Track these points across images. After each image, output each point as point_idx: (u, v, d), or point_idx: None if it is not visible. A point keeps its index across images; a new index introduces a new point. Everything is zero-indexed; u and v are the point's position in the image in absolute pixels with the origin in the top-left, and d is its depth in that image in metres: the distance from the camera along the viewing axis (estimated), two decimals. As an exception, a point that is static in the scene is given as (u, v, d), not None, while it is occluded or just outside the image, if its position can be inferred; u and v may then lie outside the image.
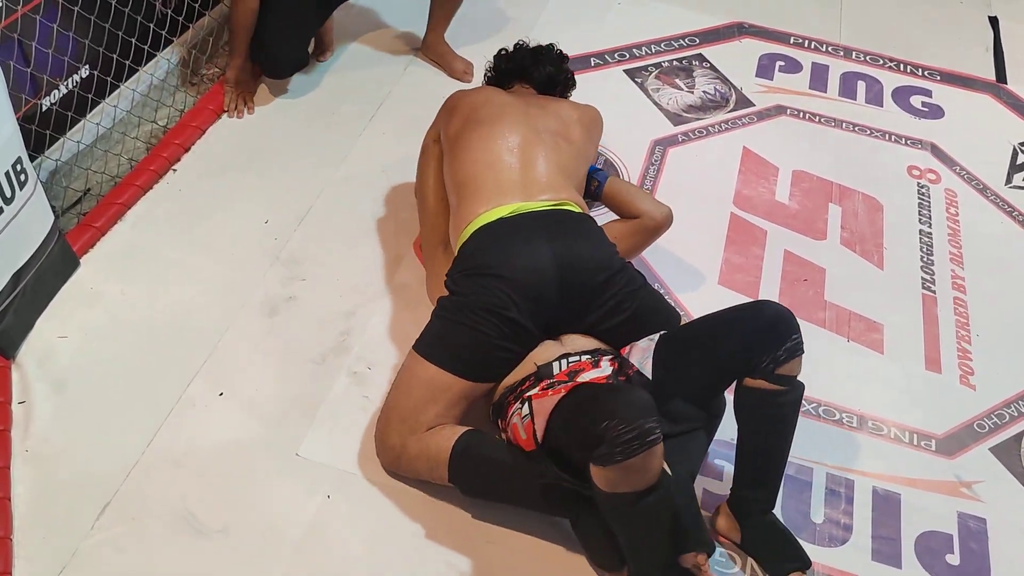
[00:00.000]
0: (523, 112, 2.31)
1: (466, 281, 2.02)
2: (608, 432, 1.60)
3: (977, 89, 3.40)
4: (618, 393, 1.75)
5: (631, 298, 2.03)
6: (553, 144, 2.26)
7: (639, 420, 1.60)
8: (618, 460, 1.60)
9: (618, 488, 1.65)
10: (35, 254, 2.16)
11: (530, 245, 2.01)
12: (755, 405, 1.86)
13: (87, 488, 1.92)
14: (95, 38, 2.47)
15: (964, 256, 2.70)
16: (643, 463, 1.62)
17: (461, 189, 2.19)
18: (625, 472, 1.62)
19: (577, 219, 2.11)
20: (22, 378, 2.10)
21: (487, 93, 2.42)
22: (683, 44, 3.43)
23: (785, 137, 3.07)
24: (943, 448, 2.18)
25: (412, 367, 1.98)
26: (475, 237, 2.07)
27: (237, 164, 2.71)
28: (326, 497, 1.94)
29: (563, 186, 2.17)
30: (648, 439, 1.60)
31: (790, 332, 1.85)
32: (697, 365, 1.90)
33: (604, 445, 1.61)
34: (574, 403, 1.78)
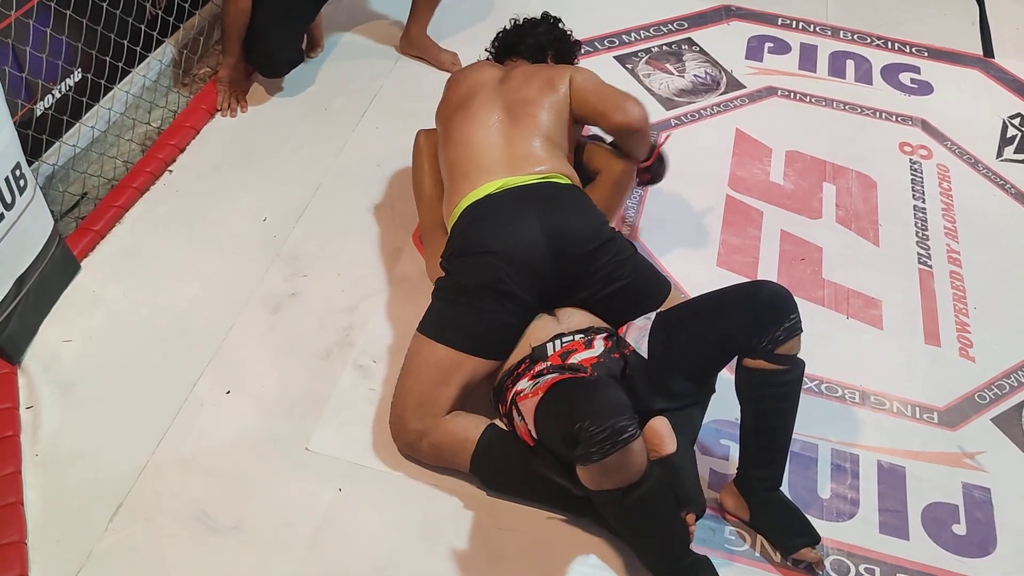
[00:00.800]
0: (497, 89, 2.29)
1: (459, 260, 2.05)
2: (582, 433, 1.62)
3: (965, 64, 3.42)
4: (590, 392, 1.75)
5: (622, 267, 2.05)
6: (531, 115, 2.22)
7: (611, 420, 1.61)
8: (596, 460, 1.62)
9: (603, 486, 1.68)
10: (36, 259, 2.16)
11: (519, 219, 2.02)
12: (756, 385, 1.88)
13: (99, 490, 1.93)
14: (87, 41, 2.47)
15: (959, 230, 2.72)
16: (620, 461, 1.63)
17: (450, 172, 2.22)
18: (605, 470, 1.64)
19: (564, 190, 2.12)
20: (28, 383, 2.11)
21: (474, 72, 2.41)
22: (672, 29, 3.43)
23: (777, 118, 3.08)
24: (945, 420, 2.21)
25: (420, 350, 2.00)
26: (464, 216, 2.09)
27: (233, 162, 2.71)
28: (338, 490, 1.95)
29: (548, 157, 2.17)
30: (621, 438, 1.61)
31: (788, 312, 1.86)
32: (695, 344, 1.92)
33: (581, 446, 1.63)
34: (552, 404, 1.79)
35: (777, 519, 1.91)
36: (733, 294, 1.97)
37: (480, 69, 2.42)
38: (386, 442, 2.04)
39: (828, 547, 1.93)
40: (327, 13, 3.13)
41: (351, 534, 1.89)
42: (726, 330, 1.89)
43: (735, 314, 1.89)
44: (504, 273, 1.97)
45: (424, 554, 1.87)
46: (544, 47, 2.51)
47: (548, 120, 2.25)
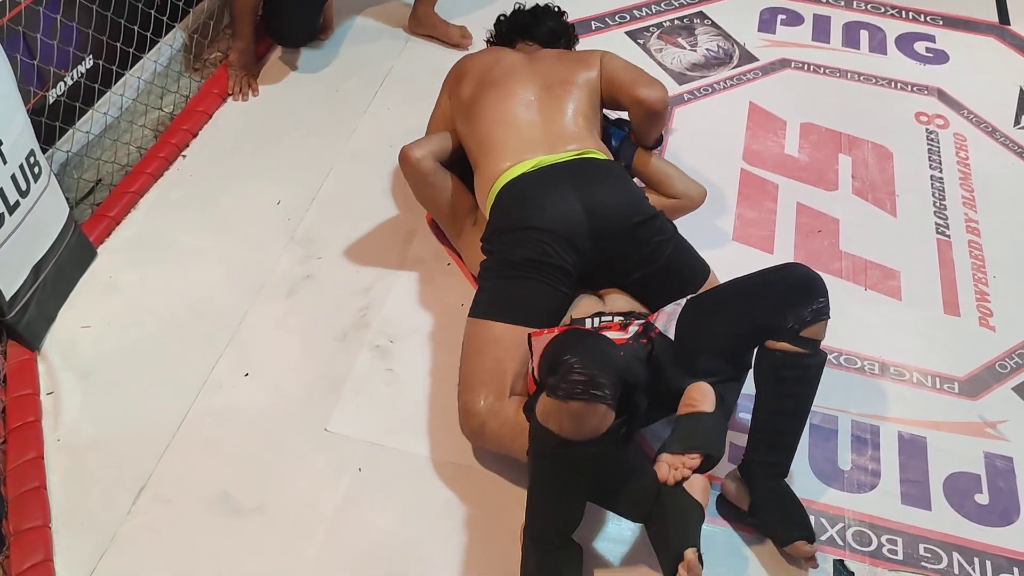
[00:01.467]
0: (532, 67, 2.32)
1: (501, 239, 2.05)
2: (563, 365, 1.61)
3: (981, 32, 3.37)
4: (595, 341, 1.74)
5: (665, 246, 2.05)
6: (567, 93, 2.24)
7: (595, 369, 1.60)
8: (558, 395, 1.60)
9: (548, 422, 1.65)
10: (53, 246, 2.17)
11: (557, 194, 2.03)
12: (777, 367, 1.83)
13: (121, 473, 1.94)
14: (97, 27, 2.47)
15: (976, 199, 2.70)
16: (578, 412, 1.60)
17: (482, 149, 2.19)
18: (559, 411, 1.62)
19: (602, 166, 2.12)
20: (48, 369, 2.12)
21: (495, 53, 2.43)
22: (683, 3, 3.40)
23: (791, 90, 3.05)
24: (966, 390, 2.19)
25: (477, 333, 1.98)
26: (502, 195, 2.09)
27: (245, 147, 2.71)
28: (357, 470, 1.96)
29: (584, 135, 2.18)
30: (592, 391, 1.59)
31: (817, 295, 1.82)
32: (724, 325, 1.89)
33: (556, 376, 1.62)
34: (559, 340, 1.78)
35: (778, 508, 1.84)
36: (762, 276, 1.92)
37: (500, 52, 2.43)
38: (404, 422, 2.05)
39: (850, 518, 1.92)
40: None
41: (372, 514, 1.89)
42: (753, 310, 1.85)
43: (766, 294, 1.86)
44: (549, 247, 1.97)
45: (446, 533, 1.87)
46: (559, 36, 2.56)
47: (583, 98, 2.27)
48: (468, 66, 2.40)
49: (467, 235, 2.29)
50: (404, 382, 2.12)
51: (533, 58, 2.39)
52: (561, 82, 2.27)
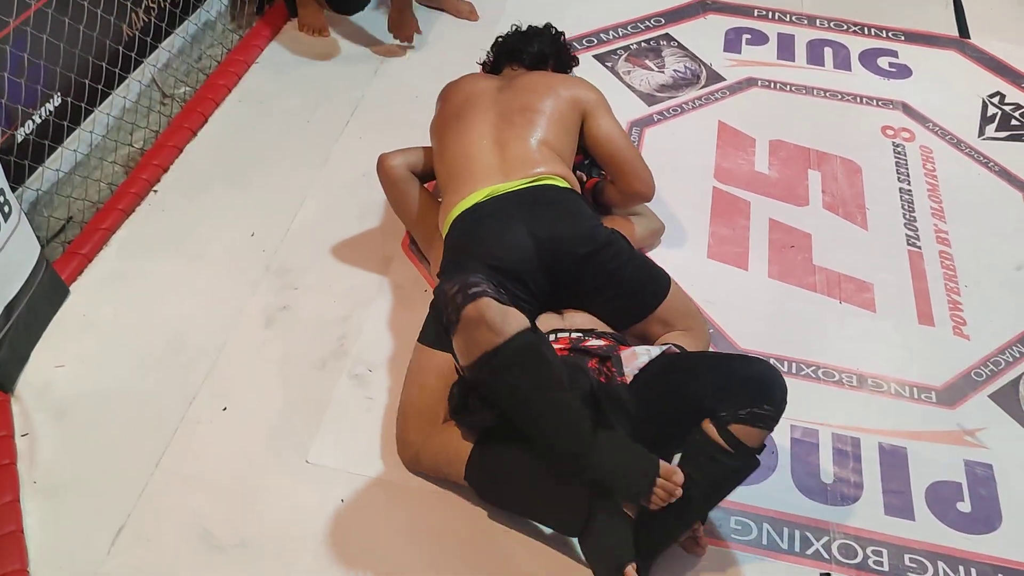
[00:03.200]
0: (493, 97, 2.32)
1: (460, 248, 2.06)
2: (440, 299, 1.64)
3: (942, 46, 3.44)
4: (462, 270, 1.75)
5: (622, 270, 2.05)
6: (528, 121, 2.24)
7: (459, 277, 1.63)
8: (455, 320, 1.62)
9: (474, 352, 1.64)
10: (24, 285, 2.14)
11: (506, 226, 2.03)
12: (691, 443, 1.73)
13: (99, 514, 1.91)
14: (65, 64, 2.45)
15: (945, 210, 2.74)
16: (476, 314, 1.61)
17: (444, 184, 2.23)
18: (466, 330, 1.62)
19: (555, 193, 2.12)
20: (23, 410, 2.08)
21: (472, 81, 2.44)
22: (649, 25, 3.45)
23: (758, 108, 3.09)
24: (943, 399, 2.21)
25: (420, 360, 2.00)
26: (455, 226, 2.11)
27: (218, 179, 2.70)
28: (340, 501, 1.94)
29: (542, 159, 2.17)
30: (471, 291, 1.62)
31: (765, 399, 1.70)
32: (673, 395, 1.79)
33: (443, 315, 1.63)
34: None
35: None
36: (729, 359, 1.89)
37: (475, 80, 2.44)
38: (386, 451, 2.03)
39: (835, 532, 1.93)
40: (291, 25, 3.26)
41: (356, 545, 1.87)
42: (702, 390, 1.74)
43: (718, 376, 1.76)
44: (498, 281, 1.94)
45: (431, 562, 1.85)
46: (547, 57, 2.55)
47: (547, 125, 2.25)
48: (446, 94, 2.44)
49: (436, 250, 2.27)
50: (384, 410, 2.11)
51: (507, 85, 2.38)
52: (523, 109, 2.27)
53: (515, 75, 2.48)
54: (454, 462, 1.87)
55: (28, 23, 2.29)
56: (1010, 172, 2.89)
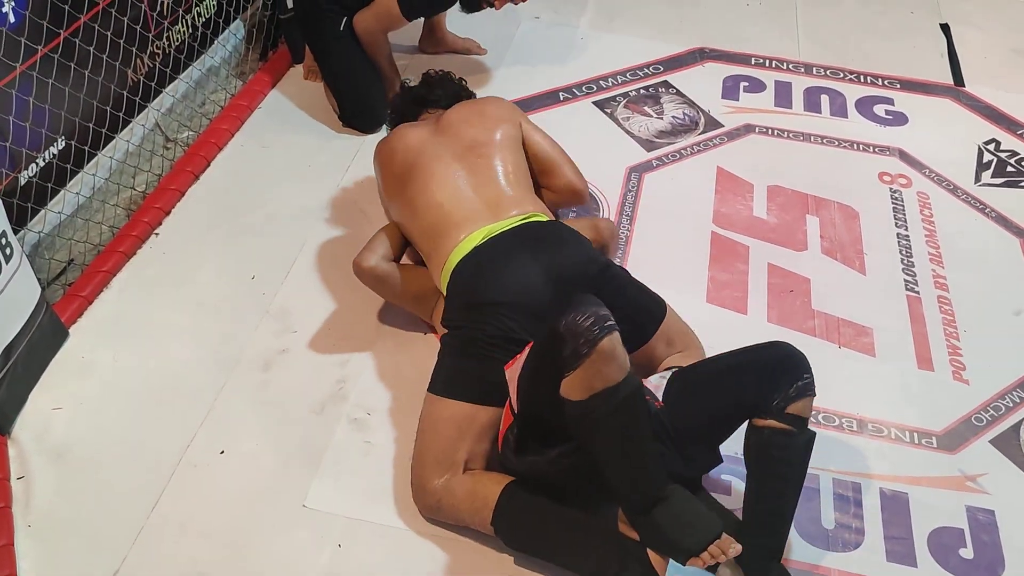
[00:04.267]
0: (434, 142, 2.32)
1: (464, 314, 2.03)
2: (567, 329, 1.60)
3: (937, 94, 3.48)
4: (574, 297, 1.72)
5: (625, 289, 2.08)
6: (488, 156, 2.26)
7: (592, 308, 1.61)
8: (585, 352, 1.59)
9: (595, 385, 1.62)
10: (24, 327, 2.15)
11: (516, 264, 2.03)
12: (764, 445, 1.82)
13: (94, 558, 1.89)
14: (70, 109, 2.48)
15: (943, 255, 2.75)
16: (607, 351, 1.60)
17: (426, 237, 2.21)
18: (595, 363, 1.60)
19: (550, 228, 2.16)
20: (19, 453, 2.08)
21: (400, 137, 2.40)
22: (648, 72, 3.49)
23: (756, 154, 3.12)
24: (944, 444, 2.20)
25: (432, 410, 1.98)
26: (458, 271, 2.09)
27: (219, 223, 2.72)
28: (337, 546, 1.92)
29: (519, 197, 2.20)
30: (606, 324, 1.60)
31: (801, 371, 1.82)
32: (709, 404, 1.87)
33: (567, 344, 1.60)
34: (536, 347, 1.78)
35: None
36: (746, 354, 1.92)
37: (402, 134, 2.41)
38: (384, 496, 2.02)
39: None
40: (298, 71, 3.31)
41: (353, 590, 1.86)
42: (739, 388, 1.84)
43: (749, 372, 1.85)
44: (515, 323, 1.95)
45: (428, 607, 1.84)
46: (459, 95, 2.59)
47: (507, 157, 2.29)
48: (383, 157, 2.41)
49: (439, 313, 2.25)
50: (383, 454, 2.10)
51: (439, 127, 2.37)
52: (477, 145, 2.28)
53: (435, 116, 2.49)
54: (481, 510, 1.85)
55: (34, 68, 2.32)
56: (1007, 218, 2.90)
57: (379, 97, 3.08)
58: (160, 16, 2.89)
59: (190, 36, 3.08)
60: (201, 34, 3.14)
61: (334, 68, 3.08)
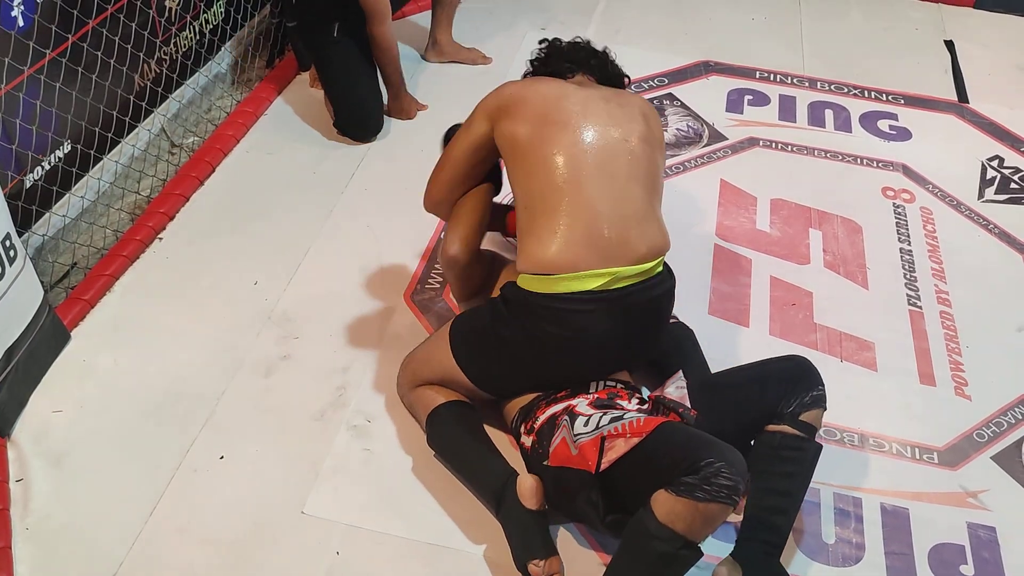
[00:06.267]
0: (610, 108, 1.96)
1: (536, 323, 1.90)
2: (709, 467, 1.56)
3: (941, 110, 3.48)
4: (730, 447, 1.67)
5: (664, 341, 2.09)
6: (650, 157, 1.96)
7: (741, 477, 1.59)
8: (698, 496, 1.56)
9: (675, 524, 1.59)
10: (26, 330, 2.15)
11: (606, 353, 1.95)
12: (775, 447, 1.86)
13: (91, 563, 1.88)
14: (77, 112, 2.49)
15: (946, 271, 2.75)
16: (713, 514, 1.59)
17: (538, 213, 1.90)
18: (694, 512, 1.58)
19: (663, 296, 1.99)
20: (18, 455, 2.07)
21: (554, 85, 2.01)
22: (653, 85, 3.50)
23: (760, 168, 3.12)
24: (945, 460, 2.19)
25: (441, 350, 2.05)
26: (559, 300, 1.87)
27: (223, 228, 2.72)
28: (335, 553, 1.92)
29: (657, 230, 1.95)
30: (734, 496, 1.58)
31: (816, 382, 1.89)
32: (734, 413, 1.90)
33: (696, 476, 1.57)
34: (676, 435, 1.71)
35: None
36: (765, 367, 1.97)
37: (559, 84, 2.03)
38: (383, 503, 2.01)
39: (836, 593, 1.90)
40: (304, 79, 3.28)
41: (351, 598, 1.85)
42: (758, 399, 1.89)
43: (768, 383, 1.90)
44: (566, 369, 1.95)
45: (426, 616, 1.83)
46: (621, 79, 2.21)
47: (657, 167, 2.01)
48: (520, 95, 1.99)
49: None
50: (382, 462, 2.10)
51: (605, 97, 2.00)
52: (645, 138, 1.95)
53: (590, 85, 2.09)
54: (422, 412, 2.09)
55: (42, 71, 2.33)
56: (1010, 235, 2.90)
57: (374, 108, 3.06)
58: (168, 22, 2.90)
59: (197, 42, 3.09)
60: (208, 40, 3.15)
61: (329, 76, 3.06)
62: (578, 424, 1.83)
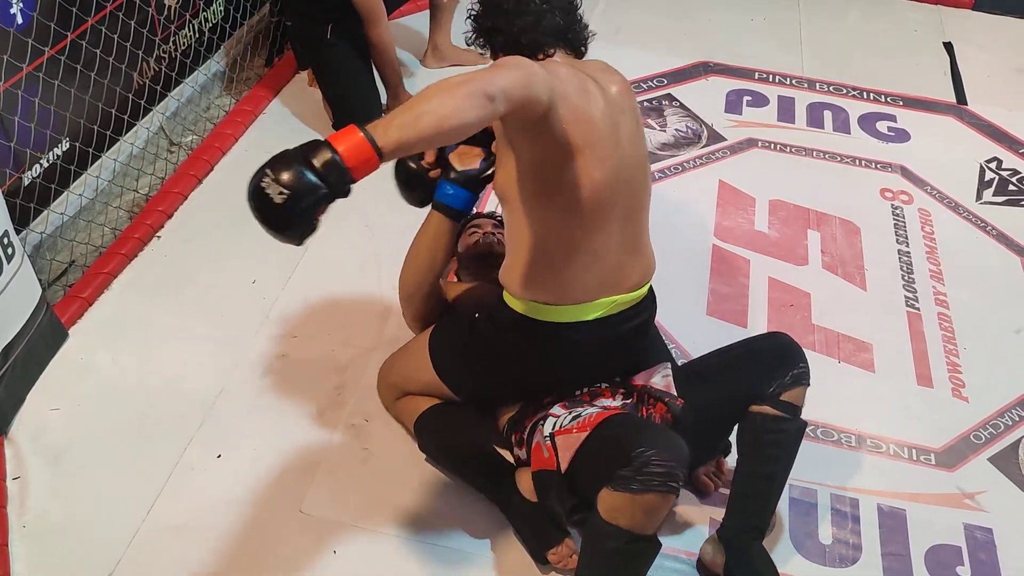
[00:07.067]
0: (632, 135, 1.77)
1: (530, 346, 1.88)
2: (639, 457, 1.56)
3: (939, 112, 3.49)
4: (665, 431, 1.69)
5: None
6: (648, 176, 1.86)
7: (673, 462, 1.57)
8: (634, 488, 1.56)
9: (617, 520, 1.61)
10: (24, 328, 2.15)
11: (599, 366, 1.93)
12: (757, 430, 1.86)
13: (88, 561, 1.88)
14: (75, 110, 2.49)
15: (944, 272, 2.75)
16: (656, 503, 1.58)
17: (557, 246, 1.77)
18: (632, 505, 1.59)
19: (649, 320, 1.97)
20: (16, 453, 2.07)
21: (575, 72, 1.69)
22: (652, 85, 3.50)
23: (759, 168, 3.12)
24: (943, 461, 2.20)
25: (423, 363, 2.02)
26: (560, 328, 1.83)
27: (220, 227, 2.72)
28: (333, 552, 1.92)
29: (647, 249, 1.91)
30: (670, 483, 1.56)
31: (797, 359, 1.87)
32: (715, 396, 1.90)
33: (629, 468, 1.57)
34: (609, 431, 1.72)
35: (750, 569, 1.84)
36: (744, 346, 1.97)
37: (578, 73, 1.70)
38: (381, 502, 2.01)
39: (833, 594, 1.90)
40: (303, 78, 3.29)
41: (348, 597, 1.85)
42: (738, 380, 1.89)
43: (747, 364, 1.90)
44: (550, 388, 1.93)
45: (423, 615, 1.83)
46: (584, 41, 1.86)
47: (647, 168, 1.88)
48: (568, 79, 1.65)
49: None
50: (379, 461, 2.10)
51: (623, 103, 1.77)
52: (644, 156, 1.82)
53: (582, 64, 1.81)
54: (408, 418, 2.08)
55: (41, 69, 2.33)
56: (1008, 236, 2.91)
57: (373, 108, 3.05)
58: (167, 20, 2.90)
59: (196, 40, 3.09)
60: (208, 39, 3.15)
61: (326, 80, 3.06)
62: (547, 426, 1.85)
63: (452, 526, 1.97)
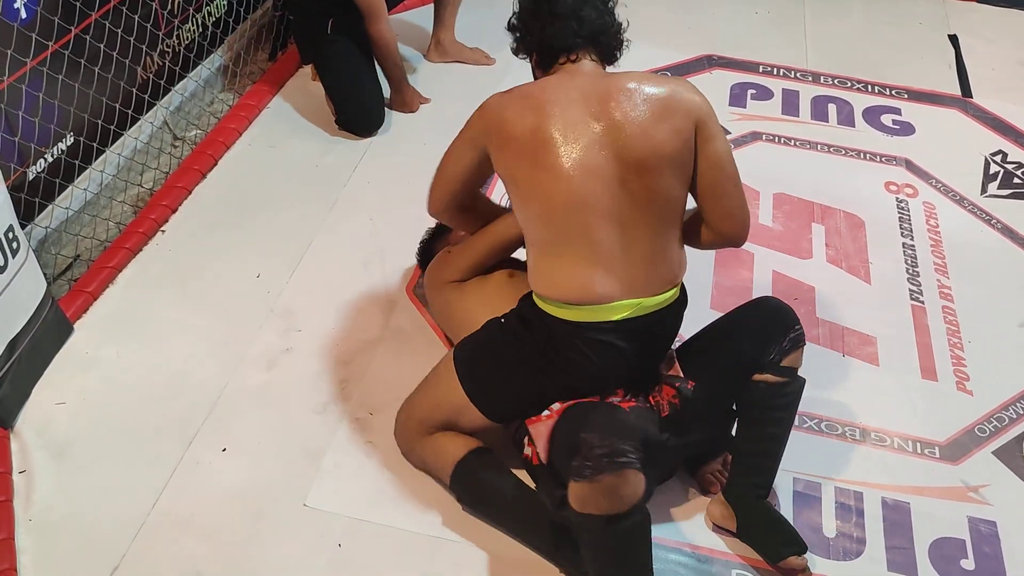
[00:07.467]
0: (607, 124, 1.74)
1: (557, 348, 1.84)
2: (583, 444, 1.60)
3: (944, 105, 3.48)
4: (603, 411, 1.73)
5: None
6: (660, 173, 1.74)
7: (612, 438, 1.59)
8: (586, 475, 1.58)
9: (587, 508, 1.62)
10: (29, 322, 2.15)
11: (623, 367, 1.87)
12: (760, 397, 1.89)
13: (93, 554, 1.89)
14: (79, 105, 2.49)
15: (948, 265, 2.74)
16: (613, 483, 1.58)
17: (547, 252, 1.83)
18: (594, 490, 1.59)
19: (676, 324, 1.94)
20: (21, 447, 2.08)
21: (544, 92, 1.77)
22: (656, 79, 3.49)
23: (763, 162, 3.12)
24: (947, 454, 2.19)
25: (448, 386, 1.94)
26: (584, 329, 1.81)
27: (225, 221, 2.72)
28: (337, 546, 1.92)
29: (676, 255, 1.86)
30: (618, 459, 1.57)
31: (792, 323, 1.91)
32: (715, 370, 1.92)
33: (578, 457, 1.60)
34: (565, 422, 1.78)
35: (766, 528, 1.90)
36: (737, 315, 2.00)
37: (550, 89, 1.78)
38: (385, 496, 2.02)
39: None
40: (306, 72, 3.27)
41: (352, 590, 1.86)
42: (736, 350, 1.90)
43: (743, 333, 1.92)
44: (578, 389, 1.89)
45: (427, 608, 1.84)
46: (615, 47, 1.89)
47: (673, 186, 1.78)
48: (514, 119, 1.76)
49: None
50: (384, 455, 2.10)
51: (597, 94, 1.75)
52: (641, 157, 1.72)
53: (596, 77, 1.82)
54: (442, 469, 1.96)
55: (45, 63, 2.33)
56: (1013, 230, 2.90)
57: (375, 104, 3.06)
58: (171, 14, 2.90)
59: (200, 35, 3.09)
60: (211, 33, 3.15)
61: (328, 76, 3.06)
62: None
63: (456, 520, 1.97)
